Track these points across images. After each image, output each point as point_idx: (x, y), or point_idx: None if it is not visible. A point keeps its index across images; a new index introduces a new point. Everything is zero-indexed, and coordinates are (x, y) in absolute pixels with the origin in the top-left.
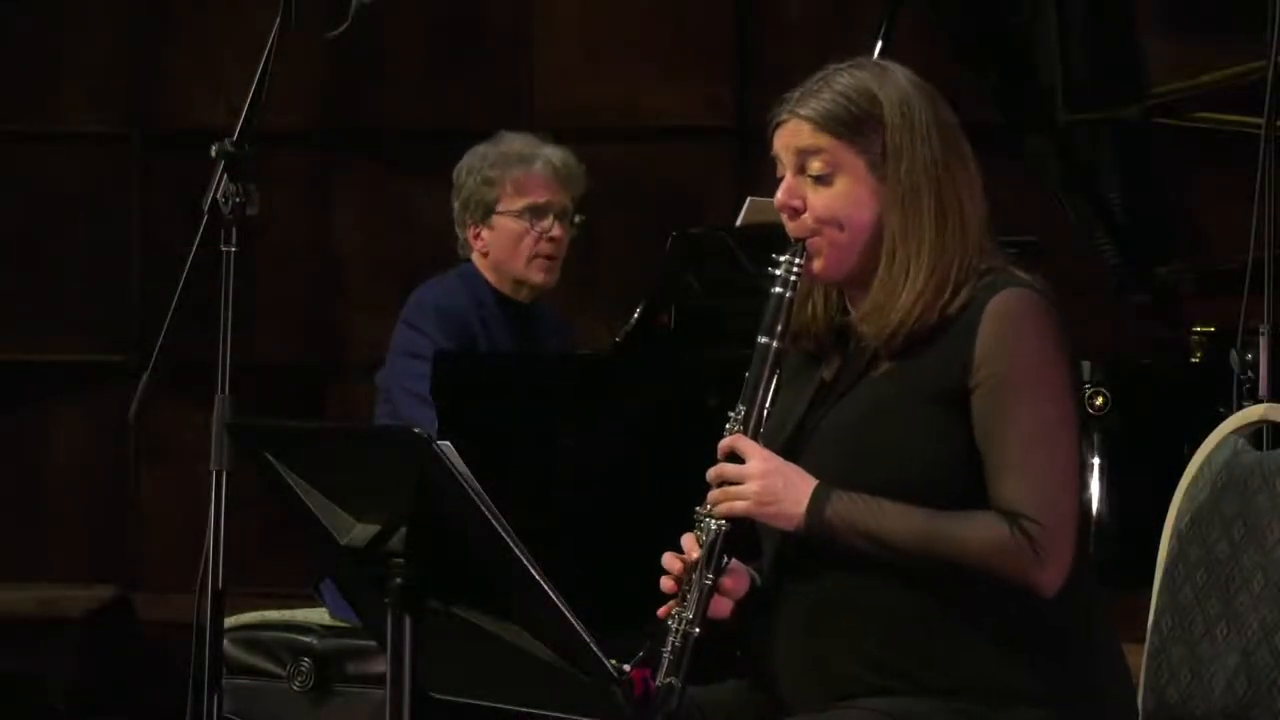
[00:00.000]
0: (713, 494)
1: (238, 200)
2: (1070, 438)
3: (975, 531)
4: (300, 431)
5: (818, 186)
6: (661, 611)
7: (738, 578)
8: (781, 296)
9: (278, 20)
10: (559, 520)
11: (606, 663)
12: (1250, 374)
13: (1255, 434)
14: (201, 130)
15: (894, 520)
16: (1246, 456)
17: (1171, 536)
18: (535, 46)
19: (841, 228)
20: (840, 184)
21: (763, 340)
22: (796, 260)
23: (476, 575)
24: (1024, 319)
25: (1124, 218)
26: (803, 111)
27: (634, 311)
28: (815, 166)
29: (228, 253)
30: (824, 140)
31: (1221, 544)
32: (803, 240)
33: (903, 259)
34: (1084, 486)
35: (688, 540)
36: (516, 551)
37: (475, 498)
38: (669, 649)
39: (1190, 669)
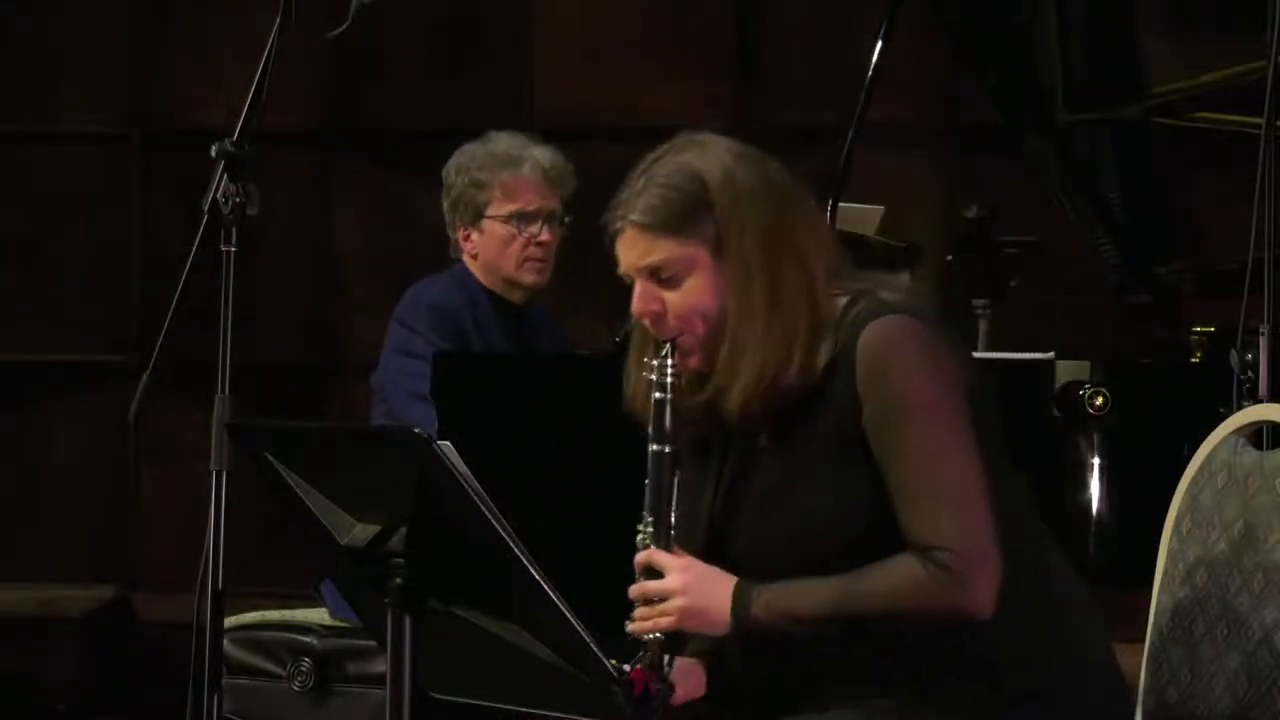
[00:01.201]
0: (639, 613)
1: (238, 200)
2: (964, 453)
3: (890, 579)
4: (300, 431)
5: (670, 288)
6: None
7: (687, 679)
8: (663, 401)
9: (278, 20)
10: (559, 520)
11: (606, 663)
12: (1250, 374)
13: (1255, 434)
14: (201, 130)
15: (813, 596)
16: (1246, 456)
17: (1171, 536)
18: (535, 46)
19: (704, 321)
20: (691, 281)
21: (654, 448)
22: (670, 361)
23: (476, 575)
24: (892, 348)
25: (1124, 218)
26: (634, 218)
27: None
28: (664, 273)
29: (228, 253)
30: (663, 244)
31: (1221, 544)
32: (670, 341)
33: (740, 339)
34: (1084, 486)
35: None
36: (516, 551)
37: (475, 498)
38: None
39: (1190, 669)
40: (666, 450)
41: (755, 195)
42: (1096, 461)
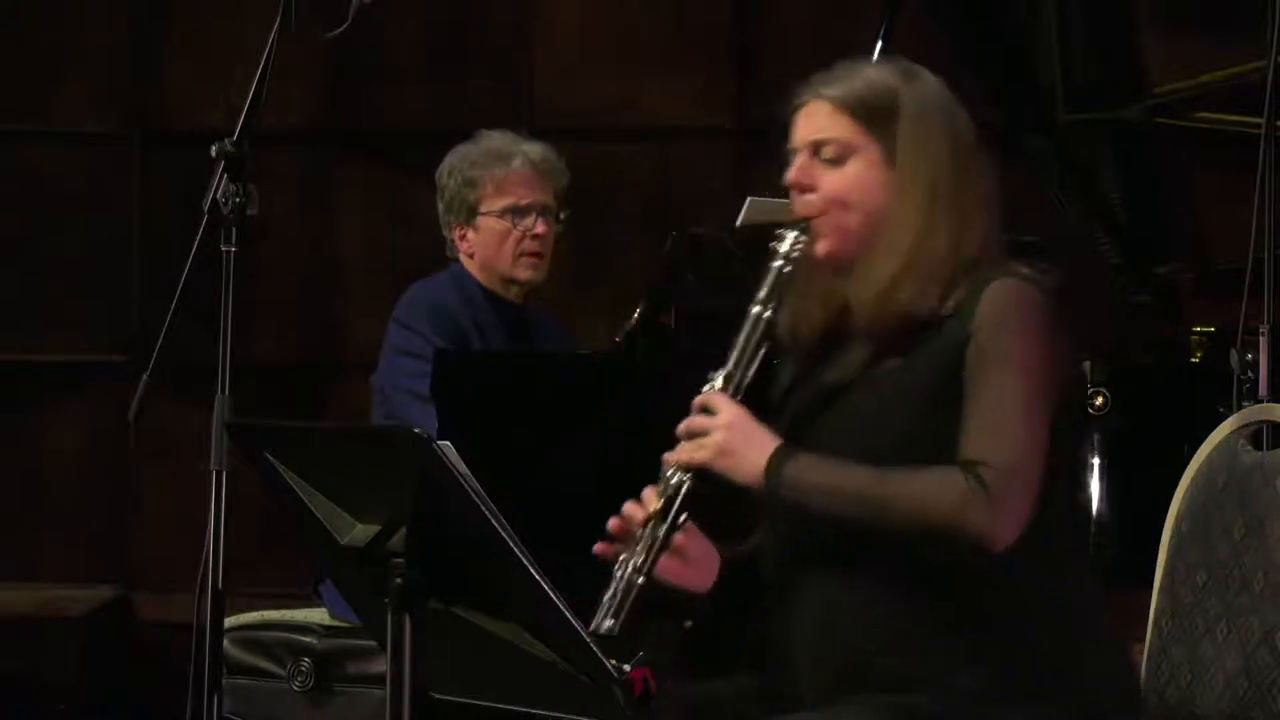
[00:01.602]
0: (679, 446)
1: (238, 200)
2: (1039, 410)
3: (927, 479)
4: (300, 431)
5: (829, 167)
6: (599, 548)
7: (692, 538)
8: (779, 270)
9: (277, 20)
10: (560, 520)
11: (606, 663)
12: (1250, 374)
13: (1255, 434)
14: (201, 130)
15: (848, 476)
16: (1246, 456)
17: (1171, 536)
18: (535, 46)
19: (848, 210)
20: (852, 167)
21: (754, 310)
22: (801, 238)
23: (476, 575)
24: (1013, 306)
25: (1124, 217)
26: (826, 92)
27: (634, 311)
28: (830, 147)
29: (228, 253)
30: (841, 122)
31: (1221, 544)
32: (808, 219)
33: (887, 240)
34: (1083, 486)
35: (648, 492)
36: (516, 551)
37: (475, 498)
38: (611, 594)
39: (1190, 669)
40: (765, 315)
41: (940, 130)
42: (1096, 461)
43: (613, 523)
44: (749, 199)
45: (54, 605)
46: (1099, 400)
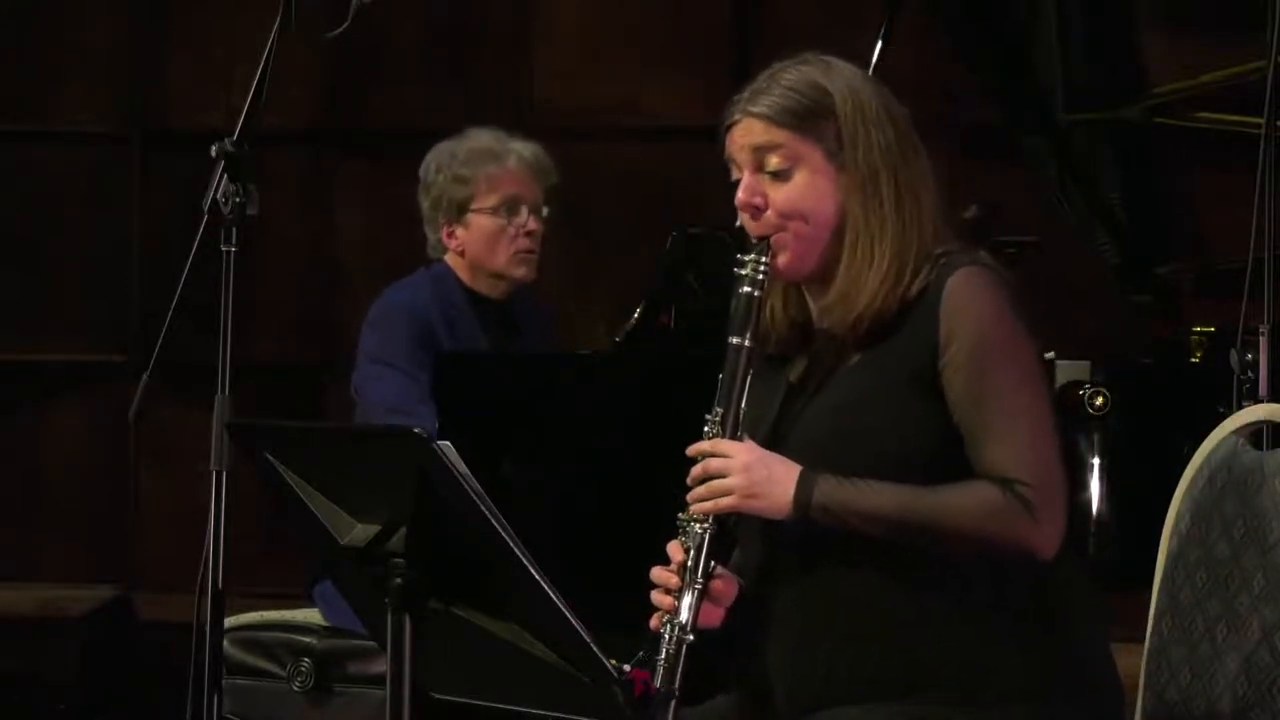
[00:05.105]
0: (697, 492)
1: (238, 200)
2: (1045, 400)
3: (967, 497)
4: (300, 431)
5: (777, 182)
6: (654, 624)
7: (726, 581)
8: (751, 296)
9: (277, 20)
10: (559, 520)
11: (606, 663)
12: (1250, 374)
13: (1255, 434)
14: (201, 130)
15: (882, 496)
16: (1246, 456)
17: (1171, 536)
18: (535, 46)
19: (806, 221)
20: (800, 177)
21: (734, 341)
22: (763, 259)
23: (476, 575)
24: (982, 293)
25: (1124, 217)
26: (754, 109)
27: (634, 311)
28: (774, 162)
29: (228, 253)
30: (779, 135)
31: (1221, 544)
32: (766, 238)
33: (865, 245)
34: (1084, 486)
35: (673, 548)
36: (516, 551)
37: (475, 498)
38: (663, 657)
39: (1190, 669)
40: (746, 345)
41: (879, 116)
42: (1096, 461)
43: (663, 599)
44: None
45: (54, 605)
46: (1099, 400)
